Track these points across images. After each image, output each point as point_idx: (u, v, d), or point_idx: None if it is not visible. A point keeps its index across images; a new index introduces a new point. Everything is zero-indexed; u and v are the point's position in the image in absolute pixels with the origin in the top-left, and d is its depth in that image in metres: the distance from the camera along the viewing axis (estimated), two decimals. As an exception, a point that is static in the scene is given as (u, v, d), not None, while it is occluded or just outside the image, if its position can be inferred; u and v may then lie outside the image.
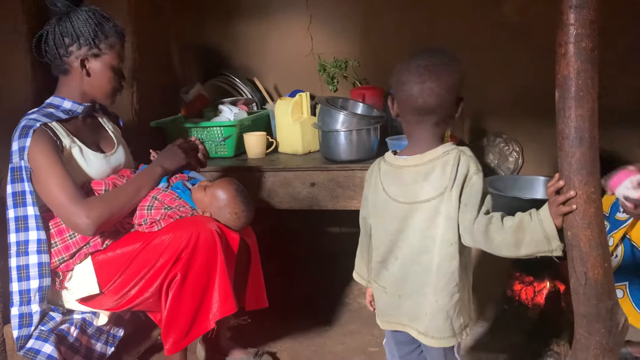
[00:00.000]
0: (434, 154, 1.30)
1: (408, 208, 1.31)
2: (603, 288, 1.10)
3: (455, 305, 1.31)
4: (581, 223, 1.08)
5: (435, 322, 1.32)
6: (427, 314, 1.32)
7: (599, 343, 1.14)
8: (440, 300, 1.30)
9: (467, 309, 1.36)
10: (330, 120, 2.33)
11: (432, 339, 1.33)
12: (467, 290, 1.36)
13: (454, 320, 1.32)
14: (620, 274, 1.87)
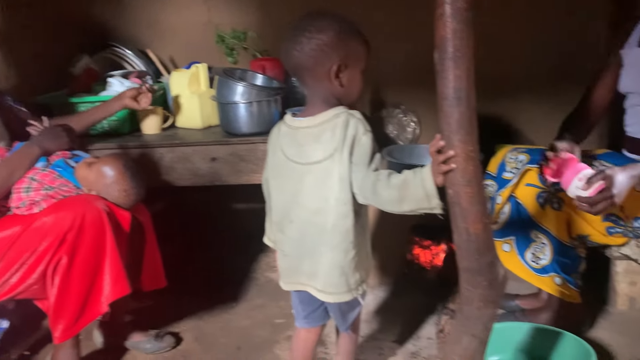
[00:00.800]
0: (325, 116, 1.35)
1: (302, 169, 1.35)
2: (484, 242, 1.15)
3: (351, 262, 1.38)
4: (461, 181, 1.11)
5: (331, 278, 1.38)
6: (324, 271, 1.38)
7: (482, 295, 1.19)
8: (336, 258, 1.36)
9: (364, 266, 1.43)
10: (228, 92, 2.26)
11: (329, 295, 1.39)
12: (364, 247, 1.43)
13: (350, 276, 1.38)
14: (508, 229, 1.98)
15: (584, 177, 1.49)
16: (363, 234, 1.42)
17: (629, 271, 2.05)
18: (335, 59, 1.31)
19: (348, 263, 1.37)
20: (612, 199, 1.46)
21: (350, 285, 1.40)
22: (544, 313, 1.99)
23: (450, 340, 1.28)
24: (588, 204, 1.49)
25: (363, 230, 1.42)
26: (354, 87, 1.37)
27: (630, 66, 1.89)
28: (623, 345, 1.89)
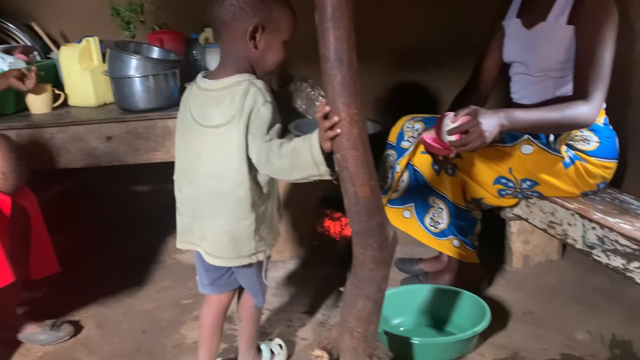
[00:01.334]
0: (228, 81, 1.34)
1: (203, 131, 1.35)
2: (372, 205, 1.16)
3: (245, 230, 1.38)
4: (347, 144, 1.11)
5: (220, 242, 1.39)
6: (213, 235, 1.39)
7: (373, 257, 1.21)
8: (228, 224, 1.37)
9: (264, 236, 1.43)
10: (121, 65, 2.14)
11: (215, 259, 1.41)
12: (266, 218, 1.42)
13: (242, 243, 1.39)
14: (407, 197, 2.04)
15: (452, 114, 1.59)
16: (265, 205, 1.42)
17: (522, 230, 2.18)
18: (253, 19, 1.30)
19: (241, 230, 1.38)
20: (479, 127, 1.53)
21: (241, 252, 1.40)
22: (445, 274, 2.08)
23: (346, 304, 1.30)
24: (459, 137, 1.56)
25: (267, 201, 1.42)
26: (271, 55, 1.36)
27: (511, 36, 1.98)
28: (517, 299, 2.00)
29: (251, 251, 1.41)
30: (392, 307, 1.86)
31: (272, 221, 1.46)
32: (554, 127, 1.75)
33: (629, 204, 1.81)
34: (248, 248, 1.41)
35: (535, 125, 1.70)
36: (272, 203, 1.46)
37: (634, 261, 1.53)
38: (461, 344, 1.63)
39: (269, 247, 1.47)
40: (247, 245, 1.41)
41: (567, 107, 1.69)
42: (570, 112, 1.68)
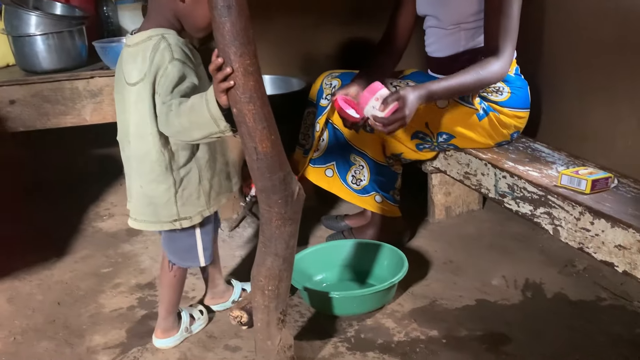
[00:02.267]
0: (141, 36, 1.31)
1: (127, 89, 1.32)
2: (273, 160, 1.13)
3: (163, 195, 1.36)
4: (243, 98, 1.07)
5: (139, 205, 1.40)
6: (134, 196, 1.40)
7: (279, 214, 1.19)
8: (145, 187, 1.36)
9: (191, 202, 1.40)
10: (20, 23, 2.00)
11: (134, 221, 1.42)
12: (192, 184, 1.39)
13: (161, 208, 1.37)
14: (328, 155, 2.03)
15: (381, 97, 1.54)
16: (189, 169, 1.38)
17: (443, 182, 2.22)
18: None
19: (159, 195, 1.36)
20: (404, 119, 1.53)
21: (160, 218, 1.39)
22: (369, 229, 2.10)
23: (256, 262, 1.28)
24: (382, 124, 1.55)
25: (192, 164, 1.38)
26: (201, 10, 1.29)
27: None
28: (438, 250, 2.05)
29: (172, 217, 1.39)
30: (315, 263, 1.87)
31: (205, 186, 1.41)
32: (471, 90, 1.77)
33: (540, 152, 1.87)
34: (168, 213, 1.38)
35: (453, 93, 1.72)
36: (205, 166, 1.40)
37: (540, 207, 1.58)
38: (379, 295, 1.65)
39: (199, 214, 1.42)
40: (167, 210, 1.37)
41: (481, 68, 1.70)
42: (485, 72, 1.70)
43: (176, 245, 1.48)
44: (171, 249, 1.50)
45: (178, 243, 1.48)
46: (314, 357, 1.51)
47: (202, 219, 1.45)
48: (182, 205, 1.39)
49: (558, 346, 1.51)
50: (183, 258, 1.50)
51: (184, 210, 1.40)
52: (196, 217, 1.43)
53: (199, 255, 1.49)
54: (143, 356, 1.55)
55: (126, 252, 2.14)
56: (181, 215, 1.40)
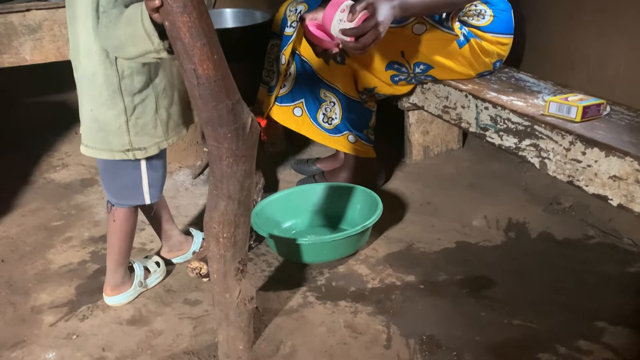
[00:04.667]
0: None
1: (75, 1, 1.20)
2: (218, 85, 0.96)
3: (113, 121, 1.25)
4: (175, 7, 0.89)
5: (88, 131, 1.29)
6: (85, 121, 1.29)
7: (229, 150, 1.03)
8: (95, 110, 1.25)
9: (145, 131, 1.28)
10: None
11: (85, 147, 1.30)
12: (145, 111, 1.27)
13: (112, 135, 1.26)
14: (296, 92, 1.85)
15: (347, 7, 1.34)
16: (144, 94, 1.25)
17: (421, 120, 2.06)
18: None
19: (109, 121, 1.25)
20: (377, 29, 1.33)
21: (112, 146, 1.27)
22: (342, 172, 1.95)
23: (208, 207, 1.13)
24: (354, 39, 1.35)
25: (147, 90, 1.26)
26: None
27: None
28: (415, 191, 1.92)
29: (125, 146, 1.27)
30: (283, 209, 1.73)
31: (162, 115, 1.29)
32: (447, 5, 1.59)
33: (524, 82, 1.71)
34: (121, 143, 1.27)
35: (428, 8, 1.53)
36: (163, 94, 1.28)
37: (525, 139, 1.44)
38: (352, 240, 1.52)
39: (155, 145, 1.30)
40: (119, 138, 1.26)
41: None
42: None
43: (119, 181, 1.34)
44: (112, 186, 1.36)
45: (121, 178, 1.33)
46: (280, 308, 1.38)
47: (159, 151, 1.32)
48: (136, 134, 1.27)
49: (544, 288, 1.40)
50: (124, 196, 1.36)
51: (138, 140, 1.28)
52: (152, 149, 1.30)
53: (144, 192, 1.35)
54: (93, 314, 1.41)
55: (80, 204, 1.97)
56: (134, 145, 1.28)
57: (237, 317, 1.20)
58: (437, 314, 1.33)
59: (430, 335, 1.26)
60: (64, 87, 2.57)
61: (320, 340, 1.27)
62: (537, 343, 1.22)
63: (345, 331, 1.29)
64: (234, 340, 1.22)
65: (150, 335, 1.33)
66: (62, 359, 1.27)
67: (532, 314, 1.31)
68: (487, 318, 1.31)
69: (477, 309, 1.34)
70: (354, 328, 1.30)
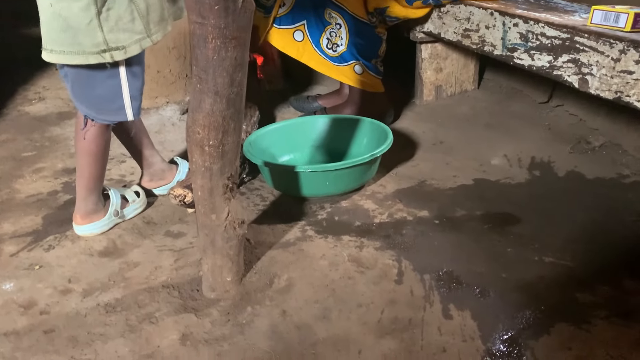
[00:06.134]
0: None
1: None
2: (203, -62, 0.76)
3: (81, 15, 1.03)
4: None
5: (51, 32, 1.06)
6: (44, 20, 1.07)
7: (216, 28, 0.84)
8: (56, 4, 1.03)
9: (120, 26, 1.06)
10: None
11: (49, 53, 1.08)
12: (117, 3, 1.05)
13: (82, 34, 1.04)
14: (297, 12, 1.65)
15: None
16: None
17: (434, 56, 1.87)
18: None
19: (77, 14, 1.03)
20: None
21: (83, 47, 1.06)
22: (347, 109, 1.76)
23: (191, 108, 0.94)
24: None
25: None
26: None
27: None
28: (427, 131, 1.74)
29: (99, 46, 1.06)
30: (280, 142, 1.54)
31: (139, 4, 1.07)
32: None
33: (555, 3, 1.52)
34: (92, 41, 1.05)
35: None
36: None
37: (563, 54, 1.24)
38: (358, 171, 1.34)
39: (137, 43, 1.09)
40: (90, 37, 1.05)
41: None
42: None
43: (93, 91, 1.13)
44: (86, 98, 1.14)
45: (96, 88, 1.12)
46: (275, 241, 1.20)
47: (141, 50, 1.11)
48: (110, 31, 1.06)
49: (578, 227, 1.22)
50: (103, 110, 1.15)
51: (114, 38, 1.06)
52: (133, 48, 1.09)
53: (125, 105, 1.14)
54: (60, 245, 1.23)
55: (55, 136, 1.78)
56: (111, 45, 1.06)
57: (224, 243, 1.02)
58: (455, 249, 1.16)
59: (448, 271, 1.09)
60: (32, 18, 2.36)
61: (320, 274, 1.09)
62: (574, 281, 1.05)
63: (349, 265, 1.11)
64: (221, 271, 1.04)
65: (124, 267, 1.16)
66: (21, 290, 1.09)
67: (567, 253, 1.14)
68: (513, 254, 1.14)
69: (501, 245, 1.17)
70: (360, 262, 1.12)
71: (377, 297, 1.02)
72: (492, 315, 0.98)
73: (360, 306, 1.01)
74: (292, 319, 0.99)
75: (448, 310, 0.99)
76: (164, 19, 1.13)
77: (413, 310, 0.99)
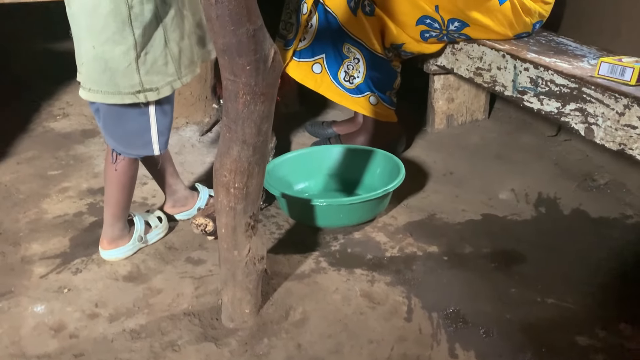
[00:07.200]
0: None
1: None
2: (239, 6, 0.83)
3: (121, 58, 1.11)
4: None
5: (92, 72, 1.14)
6: (85, 62, 1.15)
7: (247, 85, 0.91)
8: (98, 48, 1.11)
9: (155, 69, 1.15)
10: None
11: (87, 92, 1.16)
12: (155, 44, 1.14)
13: (121, 75, 1.13)
14: (317, 46, 1.71)
15: None
16: (154, 25, 1.12)
17: (447, 87, 1.93)
18: None
19: (116, 58, 1.11)
20: None
21: (120, 88, 1.13)
22: (360, 136, 1.82)
23: (219, 153, 1.00)
24: None
25: (158, 20, 1.13)
26: None
27: None
28: (437, 160, 1.80)
29: (135, 87, 1.14)
30: (296, 170, 1.61)
31: (173, 49, 1.16)
32: None
33: (565, 45, 1.57)
34: (129, 83, 1.13)
35: None
36: (172, 25, 1.14)
37: (570, 102, 1.30)
38: (371, 205, 1.40)
39: (168, 84, 1.17)
40: (128, 78, 1.13)
41: None
42: None
43: (123, 127, 1.20)
44: (116, 133, 1.22)
45: (126, 124, 1.20)
46: (291, 272, 1.27)
47: (172, 91, 1.19)
48: (147, 73, 1.14)
49: (581, 267, 1.28)
50: (131, 144, 1.23)
51: (149, 80, 1.15)
52: (165, 89, 1.17)
53: (152, 141, 1.22)
54: (87, 268, 1.30)
55: (79, 154, 1.86)
56: (146, 86, 1.15)
57: (244, 277, 1.09)
58: (463, 287, 1.22)
59: (455, 310, 1.15)
60: (57, 35, 2.43)
61: (334, 308, 1.15)
62: (575, 324, 1.11)
63: (361, 300, 1.18)
64: (240, 303, 1.11)
65: (148, 293, 1.22)
66: (52, 313, 1.16)
67: (568, 293, 1.19)
68: (518, 294, 1.19)
69: (507, 284, 1.22)
70: (372, 297, 1.18)
71: (387, 334, 1.09)
72: (496, 355, 1.04)
73: (371, 342, 1.07)
74: (307, 352, 1.05)
75: (454, 350, 1.05)
76: (194, 62, 1.21)
77: (421, 348, 1.05)
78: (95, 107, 1.24)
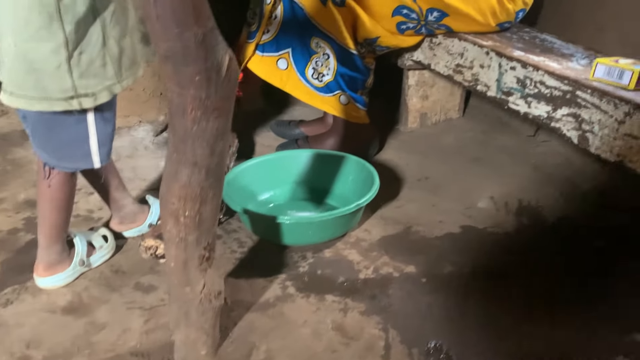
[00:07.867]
0: None
1: None
2: (184, 4, 0.67)
3: (51, 59, 0.95)
4: None
5: (13, 73, 0.98)
6: (6, 60, 0.98)
7: (197, 99, 0.75)
8: (21, 45, 0.95)
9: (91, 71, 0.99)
10: None
11: (9, 96, 1.00)
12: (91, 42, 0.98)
13: (49, 78, 0.97)
14: (283, 39, 1.56)
15: None
16: (88, 21, 0.96)
17: (421, 83, 1.81)
18: None
19: (43, 59, 0.95)
20: None
21: (48, 92, 0.98)
22: (330, 138, 1.69)
23: (165, 176, 0.85)
24: None
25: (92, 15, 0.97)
26: None
27: None
28: (412, 163, 1.68)
29: (67, 92, 0.97)
30: (260, 179, 1.46)
31: (112, 48, 0.99)
32: None
33: (551, 43, 1.46)
34: (60, 87, 0.97)
35: None
36: (111, 21, 0.98)
37: (563, 107, 1.19)
38: (342, 221, 1.27)
39: (106, 89, 1.01)
40: (58, 82, 0.96)
41: None
42: None
43: (57, 137, 1.04)
44: (48, 145, 1.05)
45: (60, 134, 1.03)
46: (254, 301, 1.13)
47: (111, 97, 1.03)
48: (81, 76, 0.98)
49: (573, 288, 1.18)
50: (66, 157, 1.06)
51: (84, 84, 0.98)
52: (102, 95, 1.01)
53: (92, 152, 1.06)
54: (20, 299, 1.14)
55: (18, 159, 1.67)
56: (80, 91, 0.98)
57: (199, 316, 0.94)
58: (444, 315, 1.10)
59: (438, 344, 1.03)
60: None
61: (303, 345, 1.02)
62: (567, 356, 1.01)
63: (333, 335, 1.05)
64: (195, 344, 0.97)
65: (89, 329, 1.07)
66: (-27, 358, 1.00)
67: (560, 320, 1.09)
68: (505, 323, 1.08)
69: (492, 311, 1.11)
70: (345, 331, 1.06)
71: (362, 375, 0.96)
72: (483, 397, 0.93)
73: (345, 386, 0.94)
74: (271, 401, 0.92)
75: (438, 393, 0.94)
76: (136, 63, 1.05)
77: (401, 393, 0.94)
78: (22, 114, 1.06)
